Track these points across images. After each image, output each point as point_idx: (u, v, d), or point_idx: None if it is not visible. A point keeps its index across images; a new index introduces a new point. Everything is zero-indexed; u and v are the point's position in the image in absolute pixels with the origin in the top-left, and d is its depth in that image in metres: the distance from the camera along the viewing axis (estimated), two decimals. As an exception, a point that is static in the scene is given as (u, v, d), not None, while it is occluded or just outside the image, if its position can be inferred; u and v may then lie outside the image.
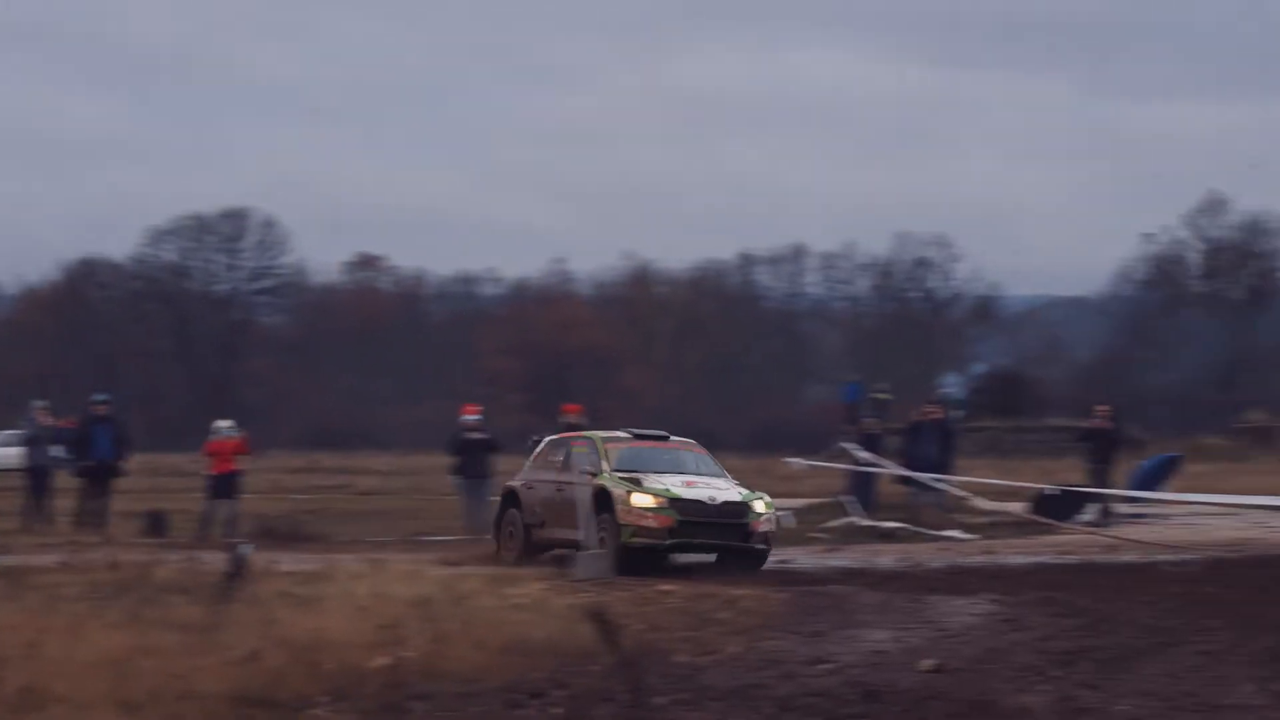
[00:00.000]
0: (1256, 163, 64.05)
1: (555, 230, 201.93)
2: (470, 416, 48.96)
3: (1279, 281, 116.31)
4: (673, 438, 40.85)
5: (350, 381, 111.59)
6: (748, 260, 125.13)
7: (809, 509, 49.88)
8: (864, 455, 50.24)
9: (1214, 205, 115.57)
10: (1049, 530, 45.15)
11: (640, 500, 36.38)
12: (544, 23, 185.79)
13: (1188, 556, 37.15)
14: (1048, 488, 50.38)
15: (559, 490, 38.29)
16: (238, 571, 30.36)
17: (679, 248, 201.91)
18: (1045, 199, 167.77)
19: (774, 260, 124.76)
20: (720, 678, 23.94)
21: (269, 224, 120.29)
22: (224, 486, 48.68)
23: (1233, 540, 40.31)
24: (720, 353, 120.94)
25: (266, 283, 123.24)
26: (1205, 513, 46.50)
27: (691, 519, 36.54)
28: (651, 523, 36.20)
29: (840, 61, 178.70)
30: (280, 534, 45.56)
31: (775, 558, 40.47)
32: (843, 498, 49.97)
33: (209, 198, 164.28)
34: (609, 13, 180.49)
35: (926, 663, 24.86)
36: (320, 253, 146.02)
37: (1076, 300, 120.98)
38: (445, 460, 50.41)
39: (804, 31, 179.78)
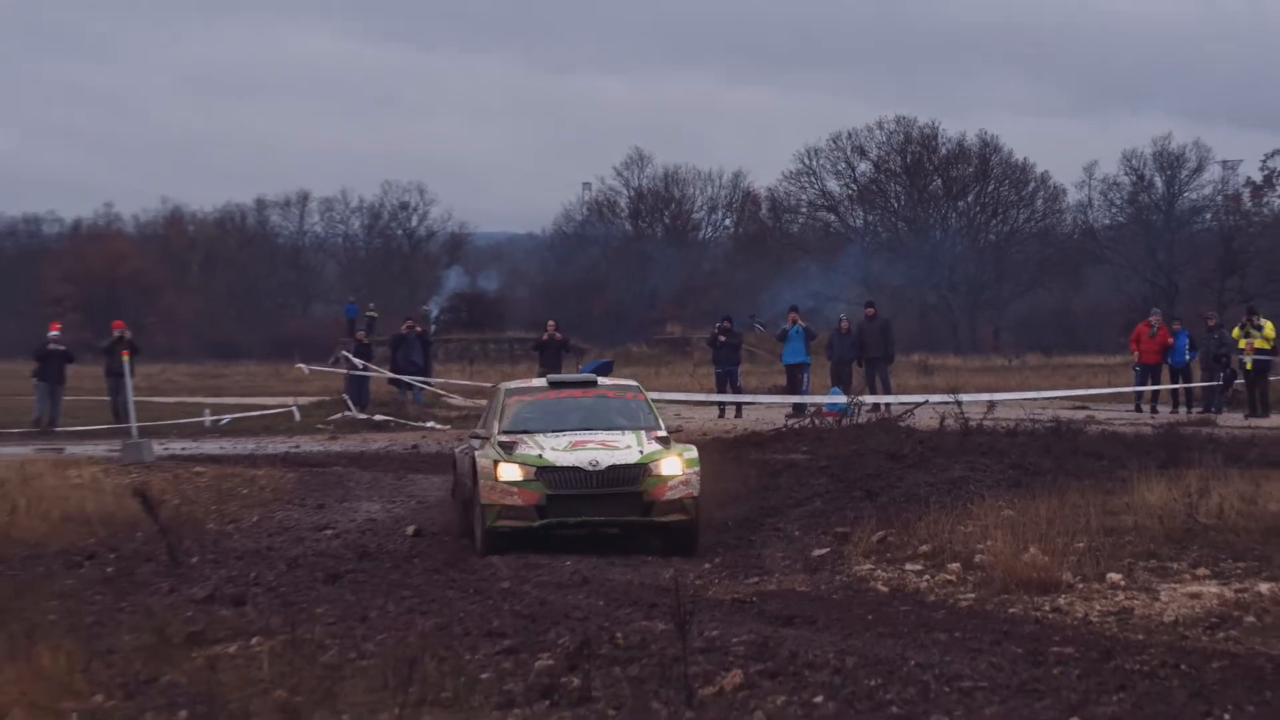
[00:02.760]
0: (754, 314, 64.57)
1: (104, 179, 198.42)
2: (54, 332, 48.21)
3: (693, 220, 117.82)
4: (603, 381, 28.26)
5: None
6: (262, 204, 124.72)
7: (314, 405, 49.72)
8: (358, 362, 50.45)
9: (639, 160, 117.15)
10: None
11: (507, 472, 23.77)
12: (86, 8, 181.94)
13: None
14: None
15: (466, 458, 25.51)
16: None
17: (206, 194, 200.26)
18: (504, 155, 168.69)
19: (284, 204, 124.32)
20: (242, 541, 23.88)
21: None
22: None
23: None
24: (242, 280, 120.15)
25: None
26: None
27: (564, 492, 23.77)
28: (517, 500, 23.67)
29: (326, 40, 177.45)
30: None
31: (286, 444, 40.34)
32: (343, 395, 50.00)
33: None
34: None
35: (410, 529, 25.04)
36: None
37: (531, 236, 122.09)
38: (28, 368, 49.75)
39: (289, 16, 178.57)
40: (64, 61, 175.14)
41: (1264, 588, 18.74)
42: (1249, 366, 43.50)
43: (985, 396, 41.77)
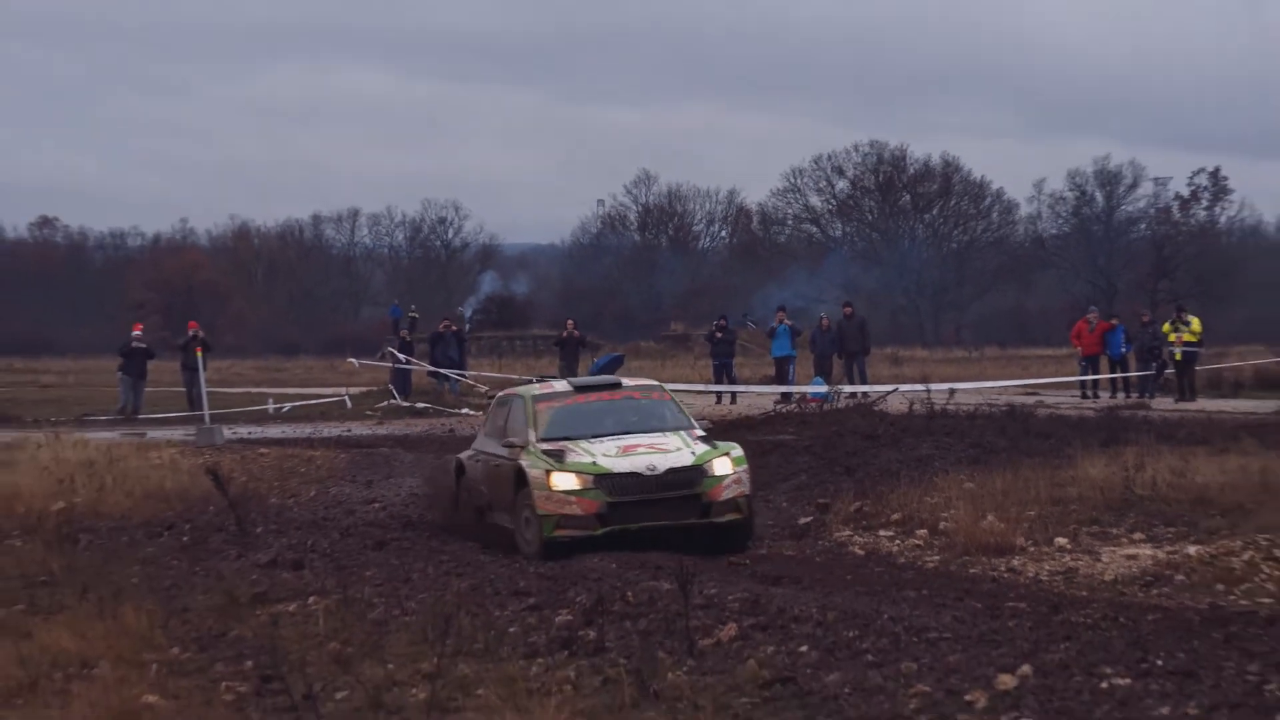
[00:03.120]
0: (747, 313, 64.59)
1: (180, 199, 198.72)
2: (136, 332, 48.19)
3: (693, 231, 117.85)
4: (627, 383, 24.44)
5: (34, 308, 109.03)
6: (318, 219, 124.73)
7: (364, 395, 49.67)
8: (402, 356, 50.47)
9: (646, 179, 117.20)
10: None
11: (562, 481, 20.78)
12: (168, 52, 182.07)
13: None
14: (532, 379, 50.66)
15: (496, 466, 22.38)
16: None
17: (269, 210, 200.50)
18: (530, 174, 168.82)
19: (336, 219, 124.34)
20: (301, 513, 23.86)
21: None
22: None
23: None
24: (300, 287, 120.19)
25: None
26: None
27: (625, 498, 20.79)
28: (576, 509, 20.62)
29: (375, 75, 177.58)
30: (-15, 416, 44.64)
31: (339, 428, 40.32)
32: (389, 386, 49.99)
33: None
34: (205, 41, 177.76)
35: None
36: (11, 216, 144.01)
37: (553, 246, 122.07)
38: (114, 363, 49.78)
39: (343, 53, 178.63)
40: (148, 98, 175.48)
41: (1192, 550, 18.71)
42: (1178, 357, 43.51)
43: (948, 385, 41.67)
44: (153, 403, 47.12)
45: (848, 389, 43.37)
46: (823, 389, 42.15)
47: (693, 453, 21.39)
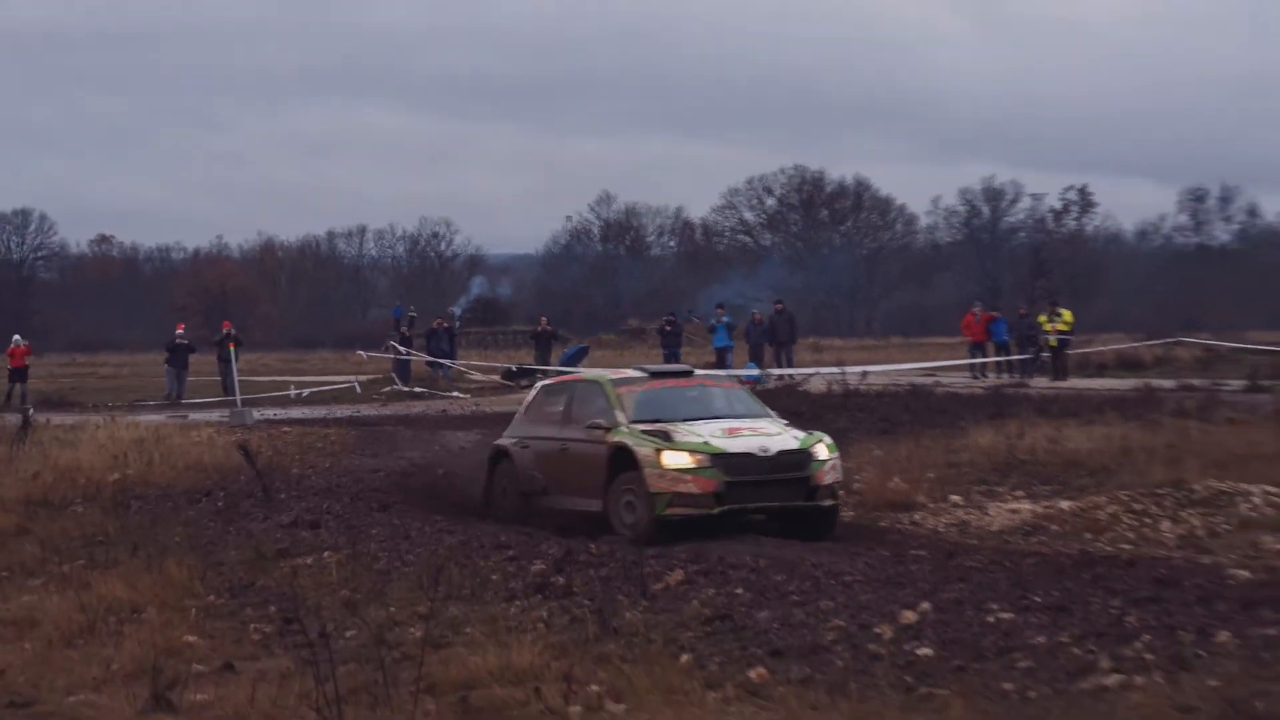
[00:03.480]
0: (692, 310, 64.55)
1: (217, 218, 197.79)
2: (180, 331, 47.99)
3: (646, 242, 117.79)
4: (698, 372, 22.09)
5: (94, 312, 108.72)
6: (332, 235, 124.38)
7: (371, 381, 49.55)
8: (402, 349, 50.37)
9: (607, 198, 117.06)
10: (513, 390, 45.31)
11: (674, 459, 17.98)
12: (213, 92, 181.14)
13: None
14: (512, 366, 50.79)
15: (563, 450, 19.48)
16: (26, 425, 29.59)
17: (291, 228, 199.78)
18: (513, 194, 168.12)
19: (347, 235, 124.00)
20: (318, 481, 23.70)
21: (43, 216, 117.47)
22: (18, 374, 47.42)
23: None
24: (318, 291, 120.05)
25: (43, 252, 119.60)
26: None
27: (742, 478, 17.98)
28: (692, 487, 17.79)
29: (382, 112, 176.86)
30: (53, 402, 44.42)
31: (350, 410, 40.21)
32: (391, 374, 49.92)
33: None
34: (246, 79, 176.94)
35: (440, 470, 24.86)
36: (75, 234, 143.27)
37: (530, 255, 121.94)
38: (161, 357, 49.64)
39: (359, 97, 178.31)
40: (193, 130, 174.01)
41: (1064, 504, 18.75)
42: (1053, 344, 43.59)
43: (861, 368, 41.70)
44: (193, 390, 46.95)
45: (776, 373, 43.45)
46: (756, 373, 42.12)
47: (795, 437, 18.65)
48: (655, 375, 20.34)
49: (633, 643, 11.84)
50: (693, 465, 17.85)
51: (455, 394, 45.53)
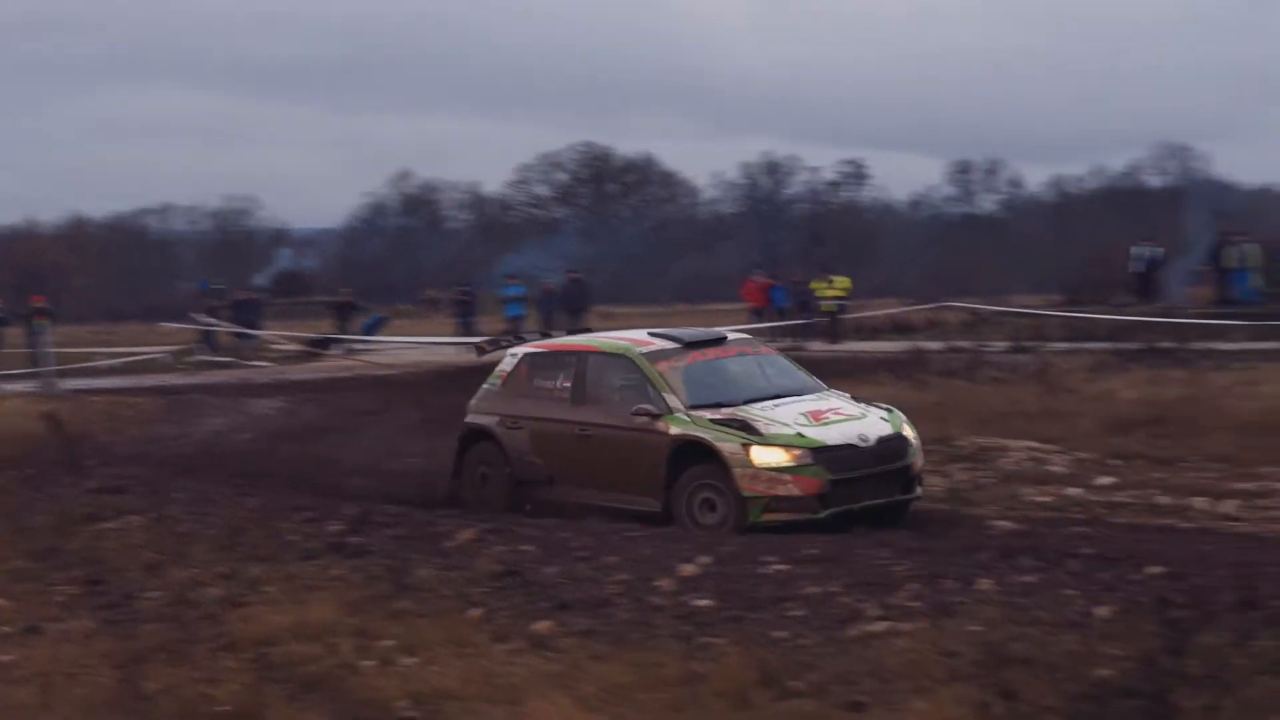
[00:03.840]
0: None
1: (30, 197, 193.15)
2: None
3: (444, 215, 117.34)
4: (730, 335, 17.65)
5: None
6: (142, 211, 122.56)
7: (179, 351, 48.79)
8: (209, 319, 49.69)
9: (406, 174, 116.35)
10: (317, 358, 44.93)
11: (768, 456, 14.85)
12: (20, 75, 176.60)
13: (393, 372, 37.29)
14: (314, 336, 50.31)
15: (580, 435, 16.16)
16: None
17: (103, 206, 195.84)
18: (317, 171, 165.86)
19: (157, 211, 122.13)
20: (125, 449, 23.32)
21: None
22: None
23: (416, 362, 40.38)
24: (128, 265, 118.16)
25: None
26: (400, 348, 46.50)
27: (845, 475, 14.99)
28: (793, 489, 14.77)
29: (186, 94, 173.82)
30: None
31: (158, 379, 39.57)
32: (196, 345, 49.24)
33: None
34: (55, 65, 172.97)
35: (246, 435, 24.49)
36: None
37: (332, 230, 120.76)
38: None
39: (167, 81, 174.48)
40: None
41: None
42: (827, 309, 44.10)
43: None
44: (5, 362, 45.93)
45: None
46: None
47: (882, 418, 15.78)
48: (690, 345, 16.61)
49: (425, 599, 11.83)
50: (791, 463, 14.88)
51: (259, 363, 45.02)
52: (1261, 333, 33.26)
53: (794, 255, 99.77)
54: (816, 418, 15.42)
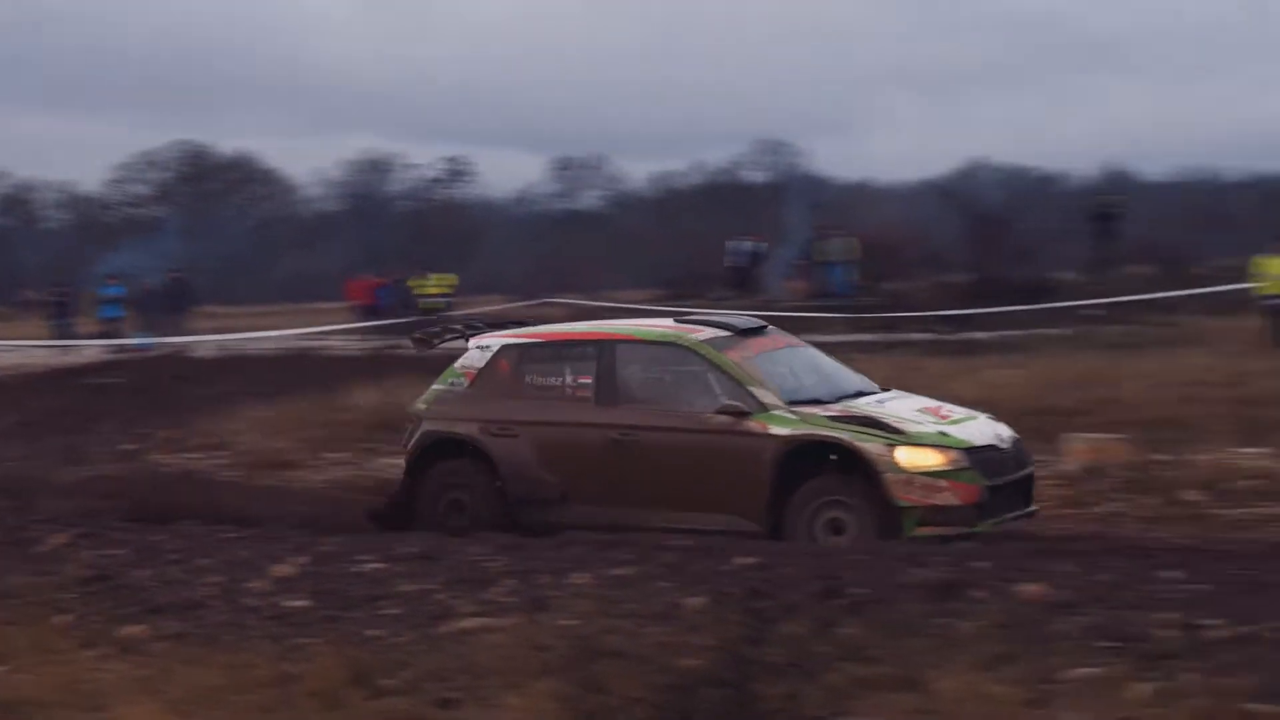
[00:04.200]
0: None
1: None
2: None
3: (40, 216, 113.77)
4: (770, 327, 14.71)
5: None
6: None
7: None
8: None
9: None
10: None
11: (920, 458, 12.38)
12: None
13: None
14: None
15: (615, 442, 13.29)
16: None
17: None
18: None
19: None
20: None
21: None
22: None
23: (14, 364, 38.27)
24: None
25: None
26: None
27: (997, 481, 12.69)
28: (951, 497, 12.28)
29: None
30: None
31: None
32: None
33: None
34: None
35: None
36: None
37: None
38: None
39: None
40: None
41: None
42: (425, 307, 44.24)
43: (251, 334, 41.29)
44: None
45: (169, 340, 42.62)
46: (149, 341, 41.16)
47: (990, 417, 13.64)
48: (742, 333, 14.00)
49: (13, 606, 11.48)
50: (946, 466, 12.51)
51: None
52: (858, 325, 34.53)
53: (398, 254, 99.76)
54: (941, 415, 13.25)
